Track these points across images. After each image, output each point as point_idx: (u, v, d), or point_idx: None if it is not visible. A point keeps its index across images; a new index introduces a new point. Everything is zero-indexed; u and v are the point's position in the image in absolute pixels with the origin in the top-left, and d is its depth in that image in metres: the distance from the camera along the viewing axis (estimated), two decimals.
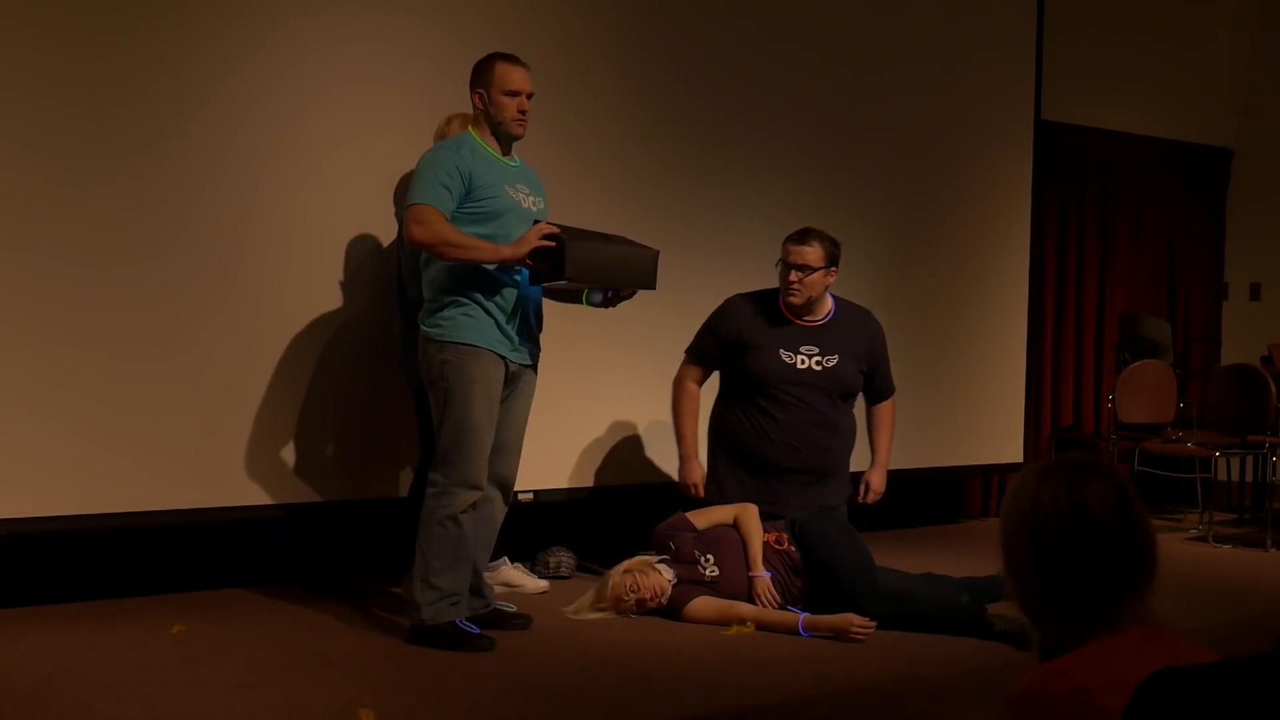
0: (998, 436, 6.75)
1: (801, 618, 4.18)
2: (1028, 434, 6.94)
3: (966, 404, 6.57)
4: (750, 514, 4.50)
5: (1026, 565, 1.73)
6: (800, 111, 5.93)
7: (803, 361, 4.67)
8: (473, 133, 4.06)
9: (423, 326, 4.02)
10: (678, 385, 4.87)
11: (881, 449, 4.99)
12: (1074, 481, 1.71)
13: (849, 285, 5.41)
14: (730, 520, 4.50)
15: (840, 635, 4.09)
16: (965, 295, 6.62)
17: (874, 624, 4.12)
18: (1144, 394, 7.05)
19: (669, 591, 4.35)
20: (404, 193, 4.41)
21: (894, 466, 6.15)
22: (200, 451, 4.45)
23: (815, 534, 4.38)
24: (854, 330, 4.79)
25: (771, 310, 4.73)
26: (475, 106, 4.05)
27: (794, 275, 4.63)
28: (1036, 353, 7.23)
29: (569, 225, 4.00)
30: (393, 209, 4.71)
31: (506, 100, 3.99)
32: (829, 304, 4.79)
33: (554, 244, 3.85)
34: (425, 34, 4.87)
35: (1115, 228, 7.78)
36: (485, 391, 3.93)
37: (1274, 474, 6.59)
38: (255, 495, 4.55)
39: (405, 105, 4.79)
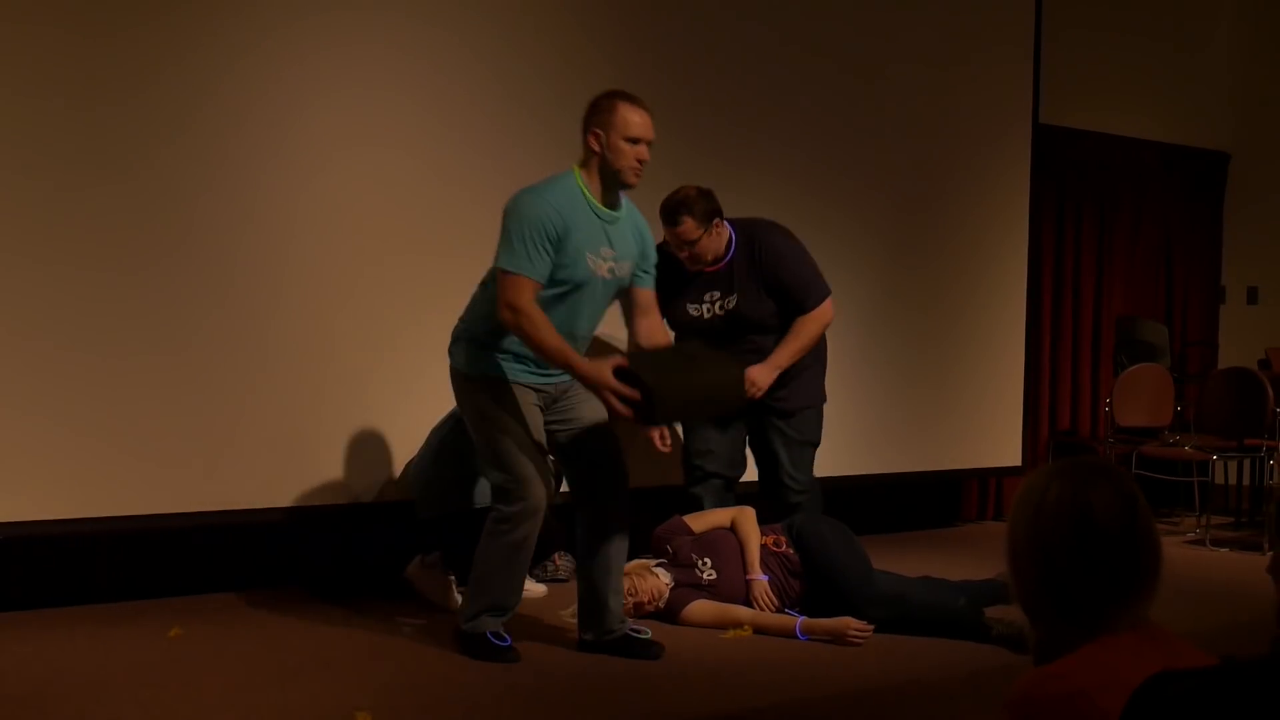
0: (995, 440, 6.75)
1: (799, 621, 4.18)
2: (1025, 437, 6.93)
3: (964, 407, 6.57)
4: (748, 517, 4.50)
5: (1028, 562, 1.73)
6: (798, 114, 5.93)
7: (707, 311, 4.66)
8: (578, 176, 3.75)
9: (450, 349, 3.91)
10: None
11: (780, 350, 4.63)
12: (1081, 482, 1.71)
13: (848, 287, 5.42)
14: (727, 523, 4.50)
15: (838, 638, 4.10)
16: (963, 298, 6.62)
17: (871, 627, 4.12)
18: (1141, 397, 7.05)
19: (666, 595, 4.35)
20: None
21: (892, 470, 6.19)
22: (198, 455, 4.45)
23: (812, 537, 4.39)
24: (746, 260, 4.66)
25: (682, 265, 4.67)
26: (588, 148, 3.73)
27: (685, 253, 4.59)
28: (1034, 356, 7.22)
29: (640, 356, 3.79)
30: (395, 210, 4.70)
31: (627, 147, 3.68)
32: (726, 238, 4.65)
33: (633, 408, 3.60)
34: (424, 36, 4.87)
35: (1113, 231, 7.78)
36: (516, 413, 3.77)
37: (1271, 477, 6.59)
38: (253, 499, 4.55)
39: (404, 107, 4.79)
